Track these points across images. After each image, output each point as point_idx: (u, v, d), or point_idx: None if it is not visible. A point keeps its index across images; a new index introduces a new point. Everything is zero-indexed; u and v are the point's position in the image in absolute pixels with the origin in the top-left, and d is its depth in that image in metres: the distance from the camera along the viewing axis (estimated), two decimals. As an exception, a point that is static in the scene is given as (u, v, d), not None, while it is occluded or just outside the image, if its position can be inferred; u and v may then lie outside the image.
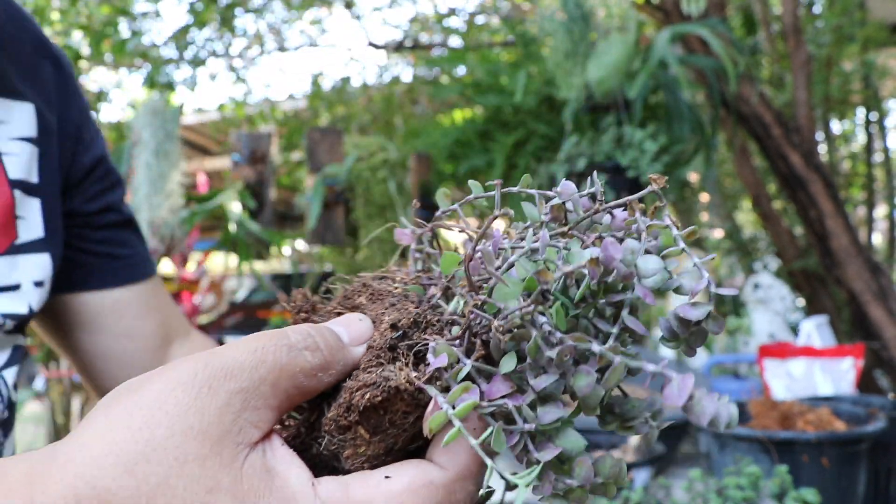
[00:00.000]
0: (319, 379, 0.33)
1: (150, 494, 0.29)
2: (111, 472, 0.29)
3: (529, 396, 0.33)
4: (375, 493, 0.32)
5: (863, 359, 1.86)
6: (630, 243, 0.34)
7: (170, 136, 3.05)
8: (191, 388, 0.30)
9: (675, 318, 0.35)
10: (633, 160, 2.20)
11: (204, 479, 0.29)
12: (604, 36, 2.22)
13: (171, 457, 0.29)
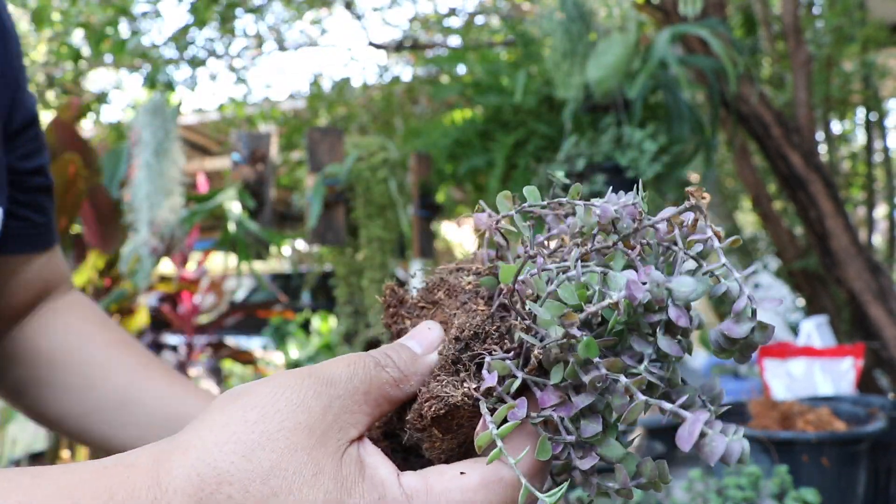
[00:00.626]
0: (401, 389, 0.39)
1: (264, 476, 0.33)
2: (230, 456, 0.33)
3: (574, 409, 0.36)
4: (452, 486, 0.36)
5: (863, 359, 1.86)
6: (654, 275, 0.35)
7: (169, 135, 3.05)
8: (299, 391, 0.36)
9: (720, 335, 0.36)
10: (633, 160, 2.20)
11: (311, 464, 0.34)
12: (603, 36, 2.22)
13: (282, 445, 0.34)
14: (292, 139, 4.90)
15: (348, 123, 4.71)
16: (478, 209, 0.43)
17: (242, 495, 0.33)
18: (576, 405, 0.35)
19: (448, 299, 0.43)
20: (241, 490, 0.33)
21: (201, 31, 3.77)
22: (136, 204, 2.96)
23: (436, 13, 4.53)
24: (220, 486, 0.33)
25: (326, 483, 0.34)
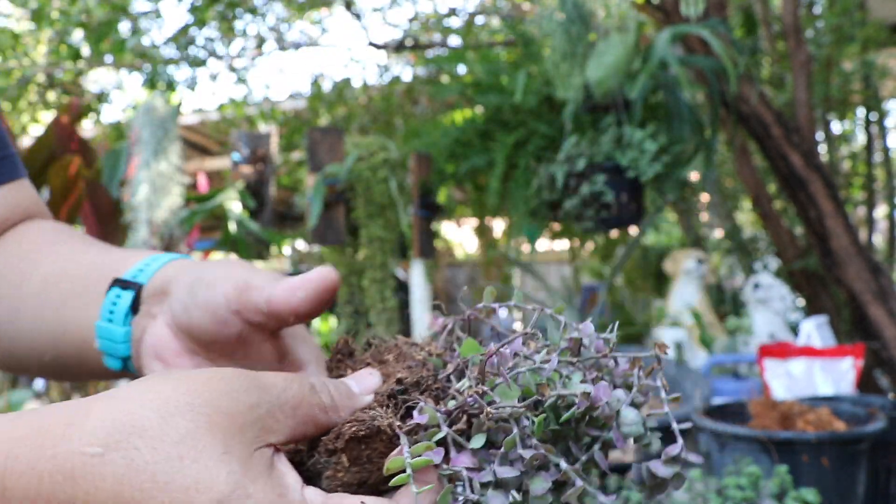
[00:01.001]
0: (329, 417, 0.39)
1: (176, 440, 0.33)
2: (150, 413, 0.33)
3: (487, 477, 0.37)
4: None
5: (863, 359, 1.86)
6: (618, 392, 0.39)
7: (169, 135, 3.05)
8: (234, 382, 0.36)
9: (646, 470, 0.40)
10: (633, 160, 2.20)
11: (223, 444, 0.34)
12: (603, 36, 2.22)
13: (202, 420, 0.34)
14: (292, 139, 4.90)
15: (348, 123, 4.71)
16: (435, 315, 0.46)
17: (149, 451, 0.33)
18: (498, 473, 0.37)
19: (395, 362, 0.44)
20: (149, 444, 0.33)
21: (201, 31, 3.77)
22: (135, 204, 2.96)
23: (436, 13, 4.53)
24: (130, 437, 0.33)
25: (233, 464, 0.34)
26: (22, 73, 3.99)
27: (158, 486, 0.32)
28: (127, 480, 0.32)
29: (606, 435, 0.40)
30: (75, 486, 0.32)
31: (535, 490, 0.37)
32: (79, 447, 0.32)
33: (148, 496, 0.32)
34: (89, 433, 0.33)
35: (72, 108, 3.16)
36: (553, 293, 2.67)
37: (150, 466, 0.32)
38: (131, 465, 0.32)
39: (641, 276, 3.77)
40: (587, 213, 2.26)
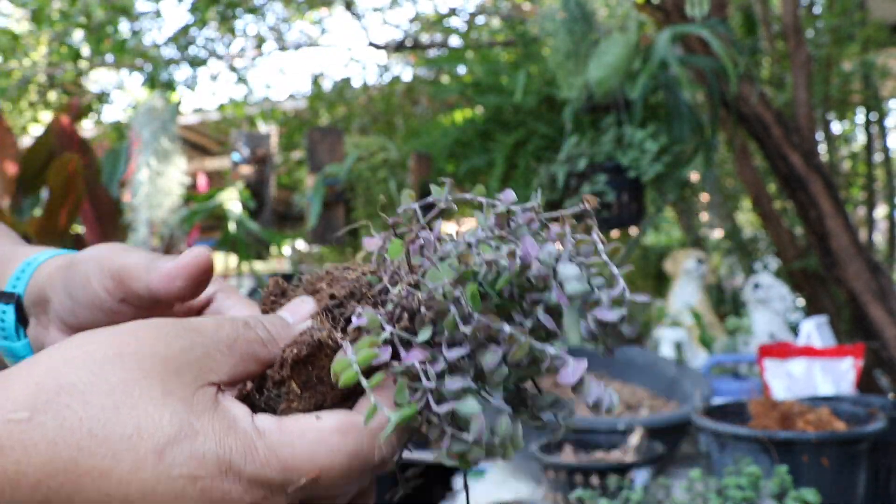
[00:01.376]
0: (270, 350, 0.38)
1: (108, 390, 0.31)
2: (77, 370, 0.32)
3: (440, 365, 0.36)
4: (306, 427, 0.35)
5: (863, 359, 1.85)
6: (548, 246, 0.38)
7: (169, 135, 3.05)
8: (161, 329, 0.34)
9: (592, 320, 0.39)
10: (634, 160, 2.20)
11: (161, 386, 0.32)
12: (604, 36, 2.22)
13: (134, 366, 0.32)
14: (292, 139, 4.90)
15: (348, 123, 4.71)
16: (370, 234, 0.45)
17: (81, 405, 0.31)
18: (448, 357, 0.36)
19: (329, 288, 0.42)
20: (80, 400, 0.31)
21: (202, 31, 3.77)
22: (135, 204, 2.96)
23: (436, 13, 4.53)
24: (59, 395, 0.31)
25: (175, 404, 0.32)
26: (22, 74, 3.99)
27: (97, 440, 0.30)
28: (61, 440, 0.30)
29: (548, 297, 0.38)
30: (3, 458, 0.30)
31: (487, 364, 0.36)
32: (2, 415, 0.30)
33: (87, 454, 0.30)
34: (12, 400, 0.30)
35: (72, 107, 3.16)
36: (553, 293, 2.67)
37: (85, 422, 0.31)
38: (63, 425, 0.30)
39: (641, 276, 3.77)
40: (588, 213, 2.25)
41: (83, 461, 0.30)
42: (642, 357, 2.31)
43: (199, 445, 0.32)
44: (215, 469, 0.32)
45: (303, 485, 0.34)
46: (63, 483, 0.30)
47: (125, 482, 0.31)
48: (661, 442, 1.60)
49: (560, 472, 1.45)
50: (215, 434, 0.33)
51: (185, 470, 0.31)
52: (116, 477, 0.31)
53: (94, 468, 0.30)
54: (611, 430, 1.69)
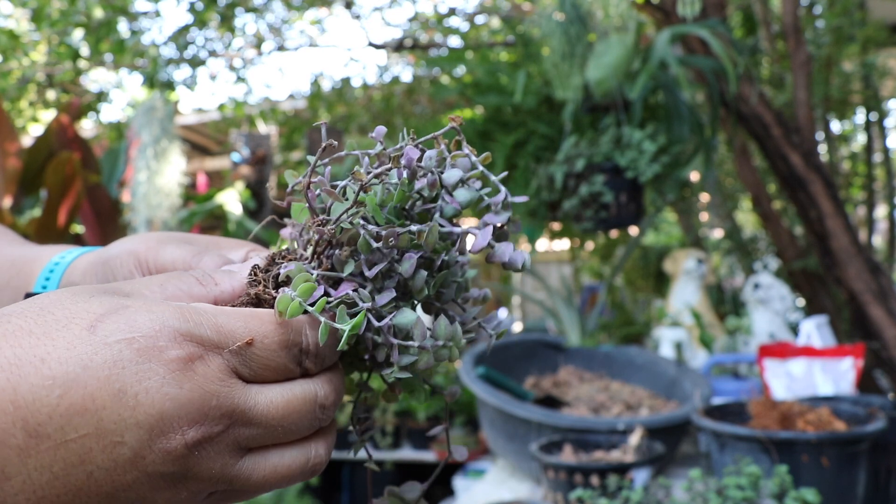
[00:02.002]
0: (207, 288, 0.40)
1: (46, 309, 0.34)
2: (16, 306, 0.35)
3: (367, 287, 0.40)
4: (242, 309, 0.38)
5: (863, 359, 1.85)
6: (429, 152, 0.41)
7: (168, 135, 3.05)
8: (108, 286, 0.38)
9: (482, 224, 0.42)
10: (632, 161, 2.20)
11: (90, 294, 0.36)
12: (603, 36, 2.22)
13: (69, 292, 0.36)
14: (292, 139, 4.90)
15: (348, 123, 4.71)
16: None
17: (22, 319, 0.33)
18: (369, 275, 0.39)
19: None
20: (22, 315, 0.34)
21: (201, 31, 3.77)
22: (134, 204, 2.96)
23: (436, 13, 4.53)
24: (11, 318, 0.33)
25: (103, 297, 0.35)
26: (22, 73, 3.99)
27: (35, 335, 0.33)
28: (5, 344, 0.32)
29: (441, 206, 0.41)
30: None
31: (406, 270, 0.39)
32: None
33: (28, 346, 0.32)
34: None
35: (71, 107, 3.16)
36: (553, 293, 2.67)
37: (24, 328, 0.33)
38: (6, 333, 0.33)
39: (641, 276, 3.77)
40: (586, 213, 2.25)
41: (24, 354, 0.32)
42: (642, 357, 2.31)
43: (131, 314, 0.34)
44: (149, 330, 0.34)
45: (237, 349, 0.35)
46: (8, 378, 0.32)
47: (63, 360, 0.32)
48: (661, 442, 1.60)
49: (560, 471, 1.45)
50: (145, 305, 0.35)
51: (120, 335, 0.33)
52: (55, 357, 0.32)
53: (34, 357, 0.32)
54: (611, 430, 1.69)
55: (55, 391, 0.32)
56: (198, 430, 0.34)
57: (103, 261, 0.48)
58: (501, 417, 1.87)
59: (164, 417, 0.33)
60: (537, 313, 6.37)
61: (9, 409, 0.31)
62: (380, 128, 0.45)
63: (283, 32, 4.57)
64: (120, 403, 0.33)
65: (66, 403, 0.32)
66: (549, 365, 2.33)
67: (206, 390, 0.34)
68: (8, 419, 0.31)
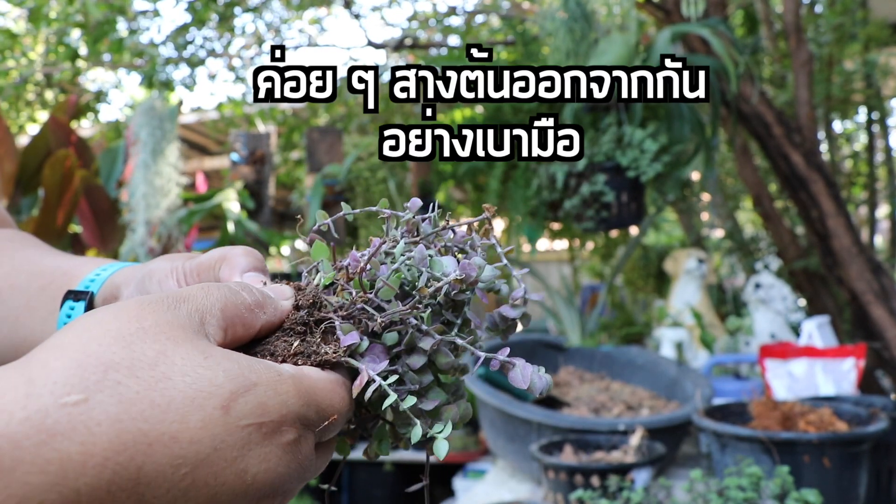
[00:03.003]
0: (256, 315, 0.40)
1: (151, 363, 0.32)
2: (111, 347, 0.32)
3: (409, 367, 0.42)
4: (320, 376, 0.39)
5: (864, 359, 1.84)
6: (477, 260, 0.44)
7: (167, 135, 3.04)
8: (162, 301, 0.36)
9: (498, 316, 0.46)
10: (634, 160, 2.19)
11: (198, 350, 0.34)
12: (604, 35, 2.21)
13: (163, 337, 0.34)
14: (291, 139, 4.89)
15: (347, 123, 4.71)
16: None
17: (133, 380, 0.31)
18: (412, 365, 0.42)
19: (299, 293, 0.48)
20: (128, 375, 0.31)
21: (200, 31, 3.76)
22: (133, 204, 2.95)
23: (435, 12, 4.52)
24: (107, 374, 0.31)
25: (223, 362, 0.34)
26: (19, 73, 3.98)
27: (161, 408, 0.31)
28: (126, 415, 0.30)
29: (471, 296, 0.45)
30: (67, 442, 0.29)
31: (443, 364, 0.43)
32: (54, 400, 0.30)
33: (156, 422, 0.31)
34: (59, 383, 0.30)
35: (69, 105, 3.15)
36: (553, 293, 2.66)
37: (143, 394, 0.31)
38: (123, 400, 0.31)
39: (642, 276, 3.76)
40: (587, 213, 2.24)
41: (151, 430, 0.31)
42: (643, 357, 2.30)
43: (261, 396, 0.35)
44: (277, 415, 0.35)
45: (326, 425, 0.38)
46: (133, 456, 0.30)
47: (196, 440, 0.32)
48: (662, 442, 1.59)
49: (560, 472, 1.44)
50: (270, 383, 0.35)
51: (252, 419, 0.34)
52: (187, 437, 0.32)
53: (163, 434, 0.31)
54: (611, 431, 1.68)
55: (182, 470, 0.32)
56: (284, 497, 0.37)
57: (145, 268, 0.50)
58: (502, 418, 1.86)
59: (270, 492, 0.36)
60: (538, 313, 6.36)
61: (128, 486, 0.30)
62: (415, 202, 0.48)
63: (283, 32, 4.56)
64: (239, 481, 0.34)
65: (189, 481, 0.32)
66: (549, 365, 2.32)
67: (302, 466, 0.37)
68: (123, 495, 0.30)
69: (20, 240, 0.62)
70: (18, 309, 0.55)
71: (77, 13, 3.66)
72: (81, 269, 0.54)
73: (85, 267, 0.55)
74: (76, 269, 0.54)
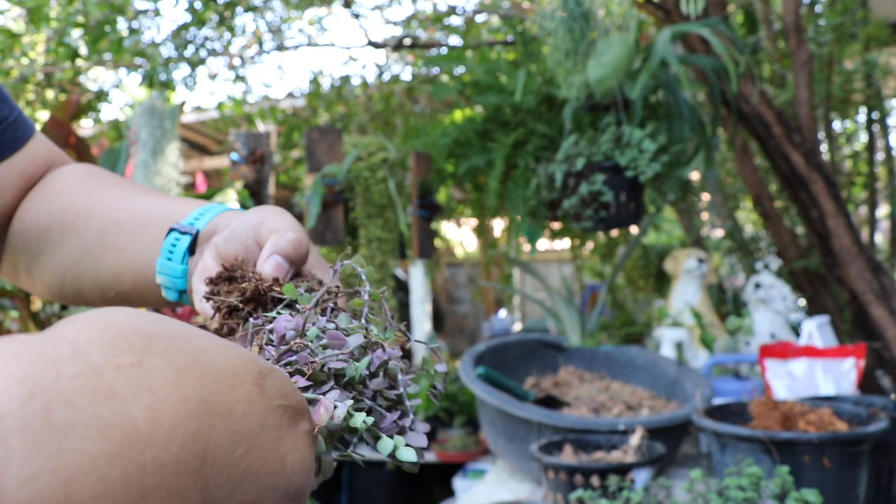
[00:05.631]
0: None
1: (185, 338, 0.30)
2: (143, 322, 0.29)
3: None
4: None
5: (864, 359, 1.84)
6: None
7: (167, 134, 3.04)
8: None
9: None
10: (633, 160, 2.19)
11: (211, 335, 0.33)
12: (604, 35, 2.21)
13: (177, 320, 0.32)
14: (291, 138, 4.89)
15: (347, 123, 4.70)
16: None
17: (176, 350, 0.28)
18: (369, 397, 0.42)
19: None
20: (171, 345, 0.28)
21: (200, 30, 3.76)
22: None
23: (435, 11, 4.52)
24: (151, 342, 0.28)
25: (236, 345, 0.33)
26: (19, 72, 3.98)
27: (211, 378, 0.29)
28: (184, 381, 0.27)
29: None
30: (130, 404, 0.25)
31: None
32: (106, 360, 0.26)
33: (212, 392, 0.28)
34: (107, 345, 0.27)
35: (70, 105, 3.15)
36: (553, 293, 2.66)
37: (191, 363, 0.28)
38: (177, 367, 0.28)
39: (642, 276, 3.76)
40: (586, 212, 2.24)
41: (210, 399, 0.28)
42: (643, 357, 2.30)
43: (278, 378, 0.32)
44: (295, 399, 0.33)
45: None
46: (199, 427, 0.27)
47: (247, 415, 0.29)
48: (662, 442, 1.59)
49: (560, 472, 1.44)
50: (278, 370, 0.33)
51: (281, 400, 0.32)
52: (240, 411, 0.29)
53: (220, 405, 0.28)
54: (611, 431, 1.68)
55: (239, 449, 0.29)
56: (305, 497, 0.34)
57: (237, 221, 0.52)
58: (501, 418, 1.86)
59: (301, 487, 0.33)
60: (537, 313, 6.36)
61: (195, 466, 0.27)
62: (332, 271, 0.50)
63: (283, 31, 4.56)
64: (280, 470, 0.31)
65: (245, 465, 0.29)
66: (549, 365, 2.32)
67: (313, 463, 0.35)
68: (190, 480, 0.26)
69: (99, 176, 0.67)
70: (124, 240, 0.59)
71: (77, 13, 3.66)
72: (182, 209, 0.57)
73: (185, 207, 0.58)
74: (177, 209, 0.58)
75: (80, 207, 0.62)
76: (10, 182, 0.65)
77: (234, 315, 0.45)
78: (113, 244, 0.59)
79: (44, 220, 0.64)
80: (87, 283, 0.62)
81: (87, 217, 0.61)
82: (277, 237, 0.48)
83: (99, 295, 0.61)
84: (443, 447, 3.13)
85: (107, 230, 0.60)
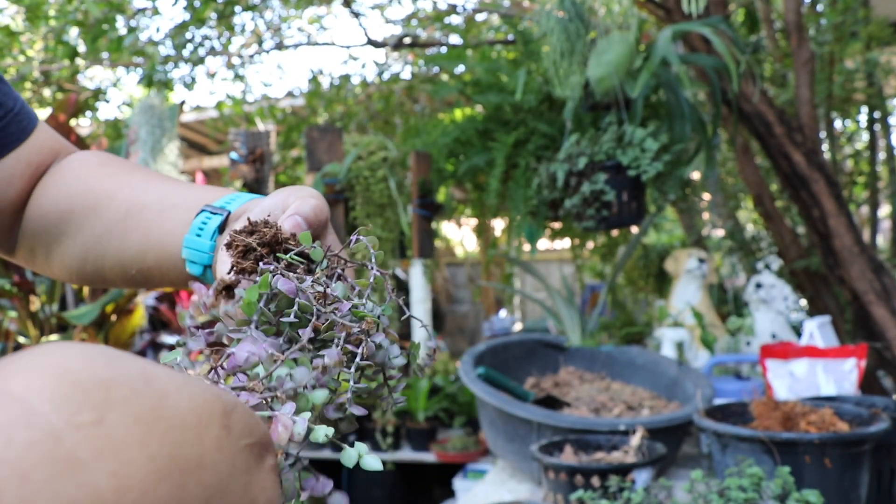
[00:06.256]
0: None
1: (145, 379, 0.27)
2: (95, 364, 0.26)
3: None
4: None
5: (866, 359, 1.84)
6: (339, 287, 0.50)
7: (167, 133, 3.03)
8: None
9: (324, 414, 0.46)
10: (634, 159, 2.18)
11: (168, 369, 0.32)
12: (604, 34, 2.20)
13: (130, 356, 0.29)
14: (291, 137, 4.88)
15: (347, 122, 4.70)
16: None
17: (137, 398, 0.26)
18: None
19: None
20: (131, 392, 0.26)
21: (199, 29, 3.75)
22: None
23: (435, 10, 4.51)
24: (110, 390, 0.25)
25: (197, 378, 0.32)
26: (17, 70, 3.97)
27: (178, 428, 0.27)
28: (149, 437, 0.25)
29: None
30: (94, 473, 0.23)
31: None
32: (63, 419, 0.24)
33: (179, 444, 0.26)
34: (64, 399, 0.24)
35: (69, 104, 3.15)
36: (553, 292, 2.66)
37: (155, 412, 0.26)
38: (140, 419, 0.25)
39: (642, 276, 3.75)
40: (588, 212, 2.24)
41: (178, 455, 0.26)
42: (643, 357, 2.29)
43: (242, 413, 0.30)
44: (259, 434, 0.31)
45: None
46: (170, 489, 0.25)
47: (215, 464, 0.28)
48: (663, 443, 1.58)
49: (560, 472, 1.43)
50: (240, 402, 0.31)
51: (247, 439, 0.30)
52: (209, 461, 0.27)
53: (189, 459, 0.26)
54: (612, 431, 1.67)
55: (211, 503, 0.27)
56: None
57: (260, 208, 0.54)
58: (501, 418, 1.86)
59: None
60: (538, 313, 6.35)
61: None
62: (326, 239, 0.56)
63: (282, 30, 4.55)
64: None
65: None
66: (549, 365, 2.31)
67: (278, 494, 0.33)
68: None
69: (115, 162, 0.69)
70: (150, 220, 0.60)
71: (76, 11, 3.65)
72: (212, 194, 0.60)
73: (214, 193, 0.60)
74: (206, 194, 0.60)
75: (101, 190, 0.64)
76: (18, 171, 0.67)
77: (248, 255, 0.48)
78: (137, 224, 0.61)
79: (63, 204, 0.65)
80: (108, 261, 0.63)
81: (110, 199, 0.63)
82: (301, 202, 0.52)
83: (120, 273, 0.63)
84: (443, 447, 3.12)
85: (131, 211, 0.62)
